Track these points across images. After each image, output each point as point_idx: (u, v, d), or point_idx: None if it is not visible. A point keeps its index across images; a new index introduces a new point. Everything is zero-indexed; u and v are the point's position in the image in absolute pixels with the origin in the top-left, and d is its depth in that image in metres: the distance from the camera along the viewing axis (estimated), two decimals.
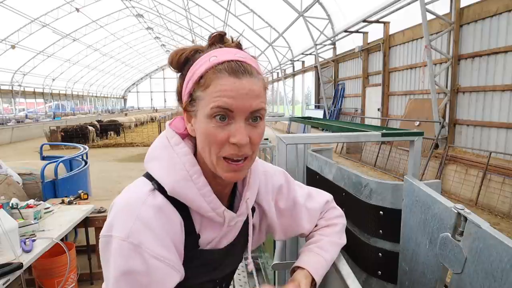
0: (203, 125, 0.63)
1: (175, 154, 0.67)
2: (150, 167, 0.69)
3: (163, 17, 25.00)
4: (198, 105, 0.64)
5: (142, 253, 0.60)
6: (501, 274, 0.72)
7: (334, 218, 0.93)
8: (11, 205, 2.48)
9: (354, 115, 13.32)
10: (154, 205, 0.63)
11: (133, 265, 0.59)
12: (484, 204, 5.68)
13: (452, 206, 0.90)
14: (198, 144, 0.67)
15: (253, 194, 0.77)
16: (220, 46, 0.67)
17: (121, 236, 0.60)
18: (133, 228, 0.60)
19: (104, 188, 6.88)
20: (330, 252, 0.84)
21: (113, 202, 0.67)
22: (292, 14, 14.15)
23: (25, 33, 20.82)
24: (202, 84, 0.62)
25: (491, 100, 6.76)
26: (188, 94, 0.66)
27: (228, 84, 0.60)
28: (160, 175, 0.66)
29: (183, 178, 0.65)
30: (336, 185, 1.53)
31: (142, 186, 0.66)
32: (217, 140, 0.61)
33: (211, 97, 0.61)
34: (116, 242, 0.60)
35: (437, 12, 7.41)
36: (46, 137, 14.04)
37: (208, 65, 0.62)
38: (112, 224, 0.62)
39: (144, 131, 18.29)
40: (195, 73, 0.64)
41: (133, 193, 0.66)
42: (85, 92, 38.35)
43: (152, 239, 0.61)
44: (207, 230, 0.72)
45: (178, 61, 0.69)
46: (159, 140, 0.72)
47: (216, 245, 0.74)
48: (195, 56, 0.68)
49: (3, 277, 1.80)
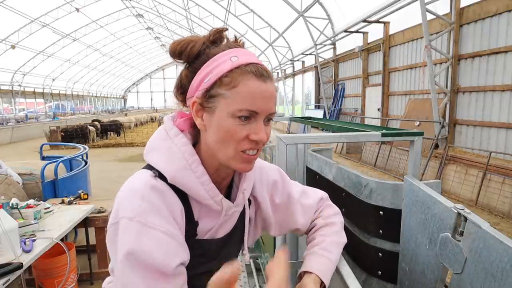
0: (223, 122, 0.65)
1: (174, 144, 0.69)
2: (149, 157, 0.71)
3: (163, 17, 24.99)
4: (218, 102, 0.65)
5: (150, 231, 0.61)
6: (501, 274, 0.72)
7: (332, 216, 0.93)
8: (11, 205, 2.48)
9: (354, 115, 13.32)
10: (157, 188, 0.65)
11: (142, 242, 0.60)
12: (484, 204, 5.68)
13: (452, 206, 0.90)
14: (209, 138, 0.68)
15: (249, 186, 0.80)
16: (232, 46, 0.69)
17: (129, 215, 0.61)
18: (140, 208, 0.62)
19: (104, 188, 6.87)
20: (334, 253, 0.84)
21: (117, 195, 0.68)
22: (292, 14, 14.15)
23: (25, 33, 20.81)
24: (227, 83, 0.64)
25: (491, 100, 6.76)
26: (205, 89, 0.66)
27: (257, 87, 0.64)
28: (160, 165, 0.68)
29: (183, 167, 0.67)
30: (336, 185, 1.53)
31: (143, 174, 0.68)
32: (237, 137, 0.65)
33: (240, 97, 0.63)
34: (124, 223, 0.61)
35: (437, 12, 7.41)
36: (46, 137, 14.04)
37: (231, 65, 0.64)
38: (118, 209, 0.64)
39: (144, 131, 18.29)
40: (216, 70, 0.65)
41: (136, 180, 0.67)
42: (85, 92, 38.33)
43: (159, 217, 0.63)
44: (205, 218, 0.73)
45: (190, 53, 0.68)
46: (158, 132, 0.74)
47: (213, 235, 0.76)
48: (207, 51, 0.68)
49: (3, 277, 1.80)
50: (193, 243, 0.71)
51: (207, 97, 0.66)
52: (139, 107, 53.19)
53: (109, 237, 0.65)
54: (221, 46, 0.69)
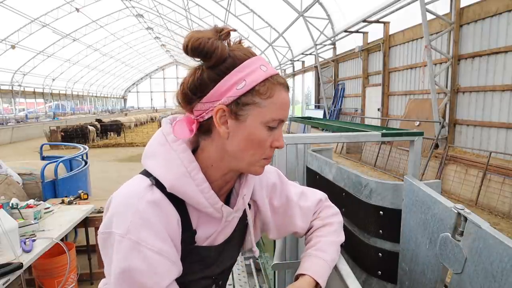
0: (255, 130, 0.65)
1: (173, 150, 0.67)
2: (147, 164, 0.69)
3: (163, 17, 24.97)
4: (251, 111, 0.64)
5: (141, 249, 0.61)
6: (501, 274, 0.72)
7: (329, 217, 0.93)
8: (11, 205, 2.48)
9: (354, 115, 13.32)
10: (152, 200, 0.64)
11: (133, 262, 0.60)
12: (484, 204, 5.68)
13: (452, 206, 0.90)
14: (231, 145, 0.66)
15: (249, 191, 0.79)
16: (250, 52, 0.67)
17: (121, 232, 0.61)
18: (131, 223, 0.61)
19: (104, 188, 6.87)
20: (329, 253, 0.84)
21: (110, 197, 0.67)
22: (292, 14, 14.14)
23: (25, 33, 20.81)
24: (264, 93, 0.64)
25: (491, 100, 6.76)
26: (237, 96, 0.63)
27: (285, 97, 0.68)
28: (159, 172, 0.66)
29: (182, 175, 0.65)
30: (336, 185, 1.53)
31: (140, 182, 0.66)
32: (265, 145, 0.67)
33: (275, 107, 0.65)
34: (116, 239, 0.61)
35: (437, 12, 7.41)
36: (46, 137, 14.04)
37: (265, 74, 0.65)
38: (111, 220, 0.63)
39: (144, 131, 18.29)
40: (250, 77, 0.63)
41: (130, 189, 0.66)
42: (85, 92, 38.33)
43: (151, 234, 0.62)
44: (204, 226, 0.73)
45: (221, 56, 0.63)
46: (156, 137, 0.71)
47: (212, 242, 0.75)
48: (231, 54, 0.65)
49: (3, 277, 1.80)
50: (192, 250, 0.71)
51: (239, 105, 0.64)
52: (139, 107, 53.19)
53: (101, 243, 0.65)
54: (242, 50, 0.67)
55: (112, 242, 0.62)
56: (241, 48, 0.67)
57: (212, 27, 0.66)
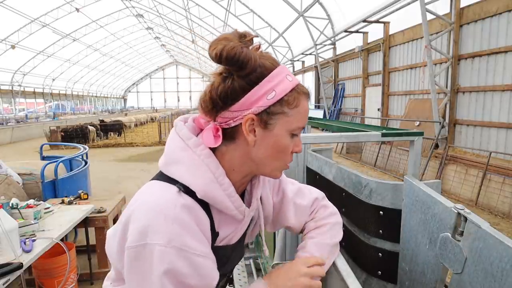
0: (282, 138, 0.68)
1: (196, 156, 0.67)
2: (172, 170, 0.68)
3: (163, 17, 24.98)
4: (279, 119, 0.67)
5: (187, 255, 0.60)
6: (501, 274, 0.72)
7: (324, 218, 0.93)
8: (11, 205, 2.48)
9: (354, 115, 13.32)
10: (186, 205, 0.63)
11: (180, 268, 0.59)
12: (484, 204, 5.68)
13: (452, 206, 0.90)
14: (257, 152, 0.69)
15: (260, 191, 0.82)
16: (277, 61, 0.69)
17: (162, 242, 0.59)
18: (172, 232, 0.60)
19: (104, 188, 6.88)
20: (316, 255, 0.83)
21: (129, 209, 0.65)
22: (292, 14, 14.15)
23: (25, 33, 20.81)
24: (291, 102, 0.67)
25: (491, 100, 6.76)
26: (267, 106, 0.65)
27: (307, 106, 0.72)
28: (187, 178, 0.66)
29: (210, 180, 0.66)
30: (336, 185, 1.53)
31: (166, 189, 0.65)
32: (288, 152, 0.71)
33: (300, 116, 0.69)
34: (157, 250, 0.59)
35: (437, 12, 7.42)
36: (46, 137, 14.03)
37: (291, 85, 0.67)
38: (146, 231, 0.60)
39: (144, 131, 18.29)
40: (279, 87, 0.66)
41: (160, 197, 0.64)
42: (85, 92, 38.34)
43: (193, 239, 0.62)
44: (225, 227, 0.74)
45: (254, 66, 0.64)
46: (174, 141, 0.70)
47: (228, 241, 0.76)
48: (260, 64, 0.65)
49: (3, 277, 1.80)
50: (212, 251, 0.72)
51: (269, 114, 0.66)
52: (139, 107, 53.21)
53: (132, 256, 0.60)
54: (268, 58, 0.68)
55: (150, 254, 0.59)
56: (267, 57, 0.68)
57: (234, 31, 0.66)
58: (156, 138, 15.16)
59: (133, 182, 7.50)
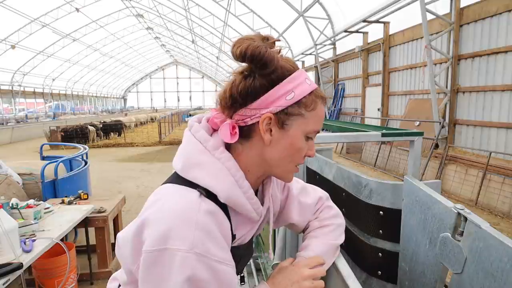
0: (297, 140, 0.69)
1: (216, 159, 0.67)
2: (193, 174, 0.67)
3: (163, 17, 24.96)
4: (295, 121, 0.68)
5: (208, 262, 0.59)
6: (501, 274, 0.72)
7: (328, 218, 0.93)
8: (11, 205, 2.48)
9: (354, 115, 13.32)
10: (209, 210, 0.62)
11: (202, 276, 0.58)
12: (484, 204, 5.68)
13: (452, 206, 0.90)
14: (271, 153, 0.69)
15: (271, 190, 0.83)
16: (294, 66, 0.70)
17: (185, 248, 0.58)
18: (195, 237, 0.59)
19: (104, 188, 6.88)
20: (318, 254, 0.83)
21: (148, 212, 0.63)
22: (292, 14, 14.14)
23: (25, 33, 20.80)
24: (308, 105, 0.68)
25: (491, 100, 6.76)
26: (285, 106, 0.66)
27: (324, 110, 0.73)
28: (209, 182, 0.65)
29: (232, 184, 0.66)
30: (336, 185, 1.53)
31: (187, 194, 0.64)
32: (302, 154, 0.72)
33: (317, 119, 0.70)
34: (179, 255, 0.58)
35: (437, 12, 7.42)
36: (46, 137, 14.03)
37: (310, 88, 0.69)
38: (167, 235, 0.58)
39: (144, 131, 18.29)
40: (298, 89, 0.67)
41: (181, 201, 0.63)
42: (85, 92, 38.33)
43: (215, 245, 0.61)
44: (240, 228, 0.74)
45: (276, 66, 0.66)
46: (191, 144, 0.70)
47: (242, 241, 0.77)
48: (281, 65, 0.67)
49: (3, 277, 1.80)
50: None
51: (287, 114, 0.67)
52: (139, 107, 53.21)
53: (150, 261, 0.59)
54: (288, 61, 0.69)
55: (170, 259, 0.58)
56: (288, 60, 0.70)
57: (256, 33, 0.67)
58: (156, 138, 15.16)
59: (133, 182, 7.50)
